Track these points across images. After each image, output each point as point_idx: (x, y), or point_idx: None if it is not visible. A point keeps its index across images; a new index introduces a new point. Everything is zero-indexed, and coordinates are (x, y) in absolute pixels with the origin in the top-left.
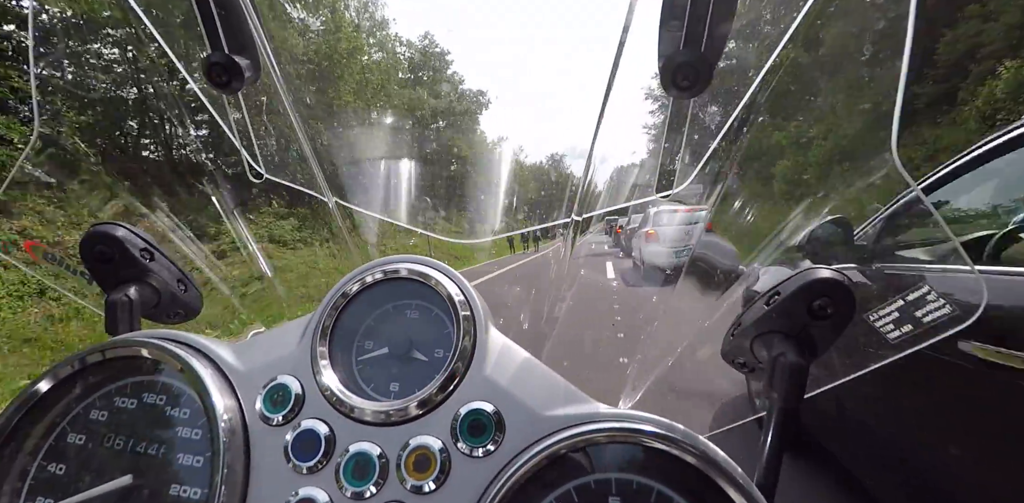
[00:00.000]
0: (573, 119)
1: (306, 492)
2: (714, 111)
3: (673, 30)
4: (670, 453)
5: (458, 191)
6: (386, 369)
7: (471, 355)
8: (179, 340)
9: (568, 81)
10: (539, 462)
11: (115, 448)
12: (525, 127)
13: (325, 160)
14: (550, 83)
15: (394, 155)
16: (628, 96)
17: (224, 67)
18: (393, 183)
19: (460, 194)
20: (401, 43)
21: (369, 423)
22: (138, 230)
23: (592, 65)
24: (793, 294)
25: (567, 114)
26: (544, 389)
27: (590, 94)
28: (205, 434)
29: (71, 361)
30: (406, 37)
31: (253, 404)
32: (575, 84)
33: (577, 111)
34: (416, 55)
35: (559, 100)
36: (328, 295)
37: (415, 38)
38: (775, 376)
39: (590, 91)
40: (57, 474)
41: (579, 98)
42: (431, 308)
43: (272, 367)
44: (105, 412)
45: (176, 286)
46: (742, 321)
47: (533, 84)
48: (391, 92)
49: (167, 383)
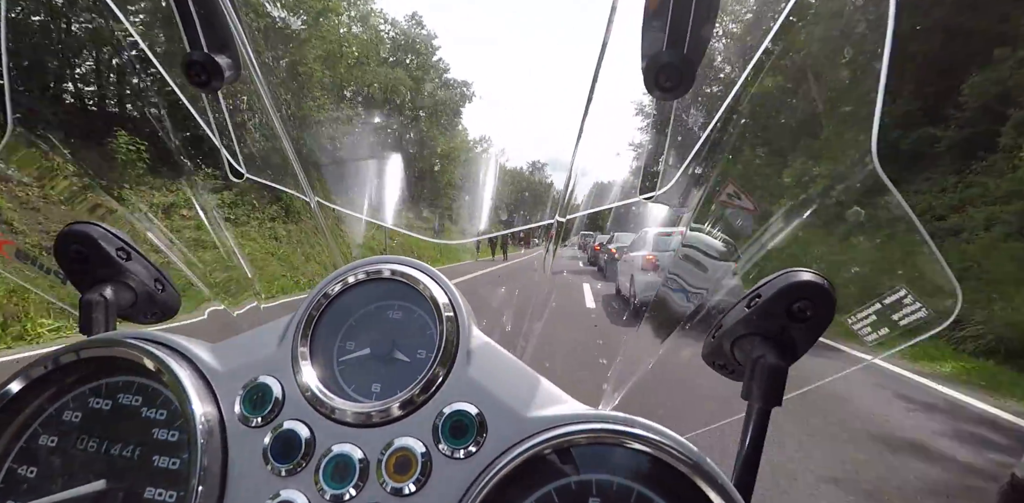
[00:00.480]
0: (556, 120)
1: (285, 495)
2: (697, 112)
3: (656, 31)
4: (650, 454)
5: (439, 190)
6: (368, 370)
7: (454, 356)
8: (156, 340)
9: (551, 81)
10: (520, 463)
11: (89, 450)
12: (507, 127)
13: (306, 160)
14: (533, 83)
15: (375, 152)
16: (612, 97)
17: (203, 66)
18: (374, 182)
19: (441, 193)
20: (385, 20)
21: (350, 424)
22: (114, 229)
23: (576, 65)
24: (773, 296)
25: (550, 115)
26: (526, 390)
27: (574, 95)
28: (182, 436)
29: (44, 361)
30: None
31: (232, 405)
32: (559, 85)
33: (561, 113)
34: (400, 36)
35: (542, 100)
36: (309, 295)
37: (400, 17)
38: (755, 378)
39: (574, 92)
40: (28, 477)
41: (563, 99)
42: (414, 309)
43: (251, 368)
44: (79, 413)
45: (153, 286)
46: (723, 323)
47: (516, 83)
48: (369, 70)
49: (143, 384)
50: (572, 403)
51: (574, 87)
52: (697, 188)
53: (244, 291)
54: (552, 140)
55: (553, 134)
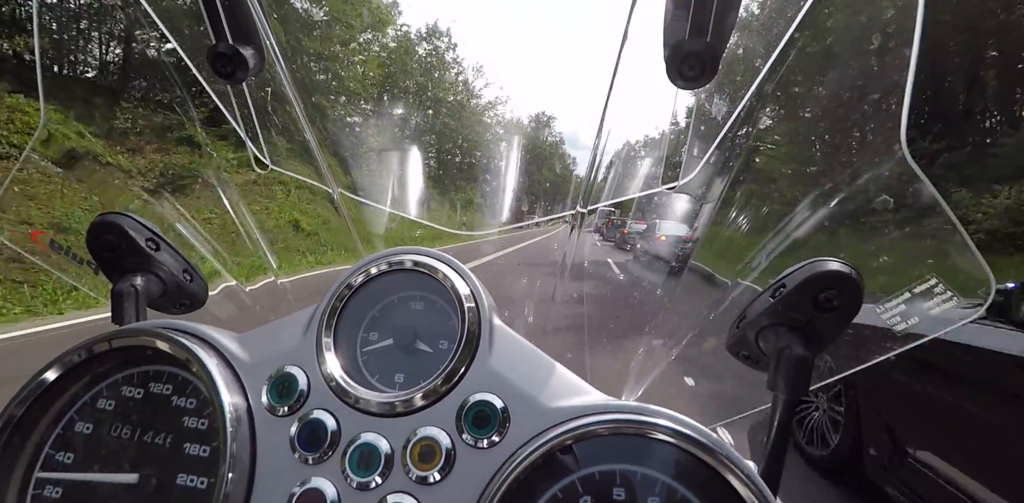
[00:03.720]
0: (578, 111)
1: (312, 482)
2: (721, 102)
3: (679, 19)
4: (675, 445)
5: (463, 182)
6: (391, 360)
7: (475, 347)
8: (185, 330)
9: (573, 73)
10: (544, 453)
11: (122, 437)
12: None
13: (330, 151)
14: (555, 74)
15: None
16: (634, 87)
17: (229, 58)
18: (397, 173)
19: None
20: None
21: (374, 414)
22: (143, 220)
23: (597, 57)
24: (799, 286)
25: (573, 106)
26: (549, 380)
27: (595, 86)
28: (211, 424)
29: (78, 350)
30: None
31: (259, 394)
32: (580, 76)
33: (583, 103)
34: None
35: (564, 89)
36: (333, 286)
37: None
38: (780, 368)
39: (595, 83)
40: (65, 462)
41: (585, 90)
42: (436, 300)
43: (277, 358)
44: (112, 401)
45: (182, 276)
46: (747, 313)
47: (538, 75)
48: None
49: (173, 373)
50: (595, 393)
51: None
52: (720, 178)
53: (260, 268)
54: (574, 130)
55: (575, 124)
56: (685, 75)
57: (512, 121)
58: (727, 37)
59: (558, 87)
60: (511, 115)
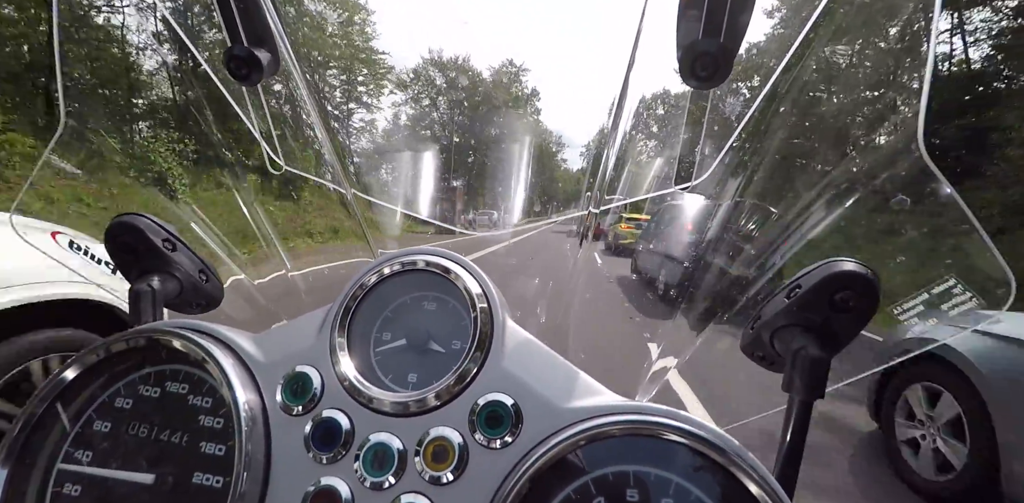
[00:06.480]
0: (591, 111)
1: (326, 482)
2: (735, 101)
3: (692, 19)
4: (689, 446)
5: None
6: (404, 360)
7: (488, 347)
8: (201, 330)
9: (586, 72)
10: (557, 454)
11: (139, 436)
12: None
13: (344, 152)
14: (567, 74)
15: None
16: (646, 87)
17: (244, 60)
18: (409, 174)
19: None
20: None
21: (387, 414)
22: (160, 220)
23: (610, 56)
24: (815, 287)
25: (585, 106)
26: (562, 381)
27: (608, 86)
28: (227, 423)
29: (96, 349)
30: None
31: (273, 394)
32: (593, 75)
33: (595, 103)
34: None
35: (577, 90)
36: (346, 286)
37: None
38: (796, 370)
39: (608, 83)
40: (84, 460)
41: (598, 90)
42: (448, 300)
43: (291, 358)
44: (130, 400)
45: (198, 276)
46: (762, 314)
47: (550, 75)
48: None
49: (189, 372)
50: (608, 394)
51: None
52: (734, 178)
53: (269, 262)
54: (587, 130)
55: (588, 124)
56: (698, 75)
57: (523, 121)
58: (741, 37)
59: (570, 87)
60: (522, 114)
